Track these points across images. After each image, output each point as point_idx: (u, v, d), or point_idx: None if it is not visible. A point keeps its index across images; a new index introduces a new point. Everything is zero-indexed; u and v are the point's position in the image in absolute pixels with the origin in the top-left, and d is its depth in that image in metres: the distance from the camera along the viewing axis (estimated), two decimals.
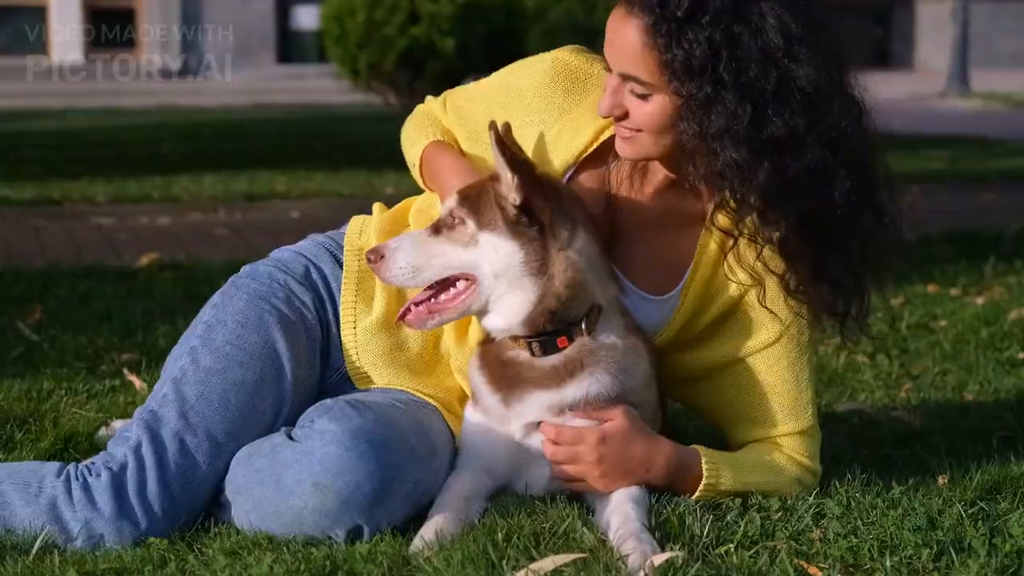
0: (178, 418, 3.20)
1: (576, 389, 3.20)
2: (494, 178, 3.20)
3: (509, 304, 3.17)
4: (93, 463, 3.18)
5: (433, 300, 3.21)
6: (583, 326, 3.21)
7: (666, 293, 3.43)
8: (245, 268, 3.47)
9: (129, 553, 3.01)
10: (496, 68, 3.64)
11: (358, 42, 20.02)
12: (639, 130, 3.24)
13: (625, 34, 3.17)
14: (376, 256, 3.20)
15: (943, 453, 3.89)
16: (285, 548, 2.99)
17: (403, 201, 3.62)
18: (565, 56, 3.52)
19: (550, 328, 3.20)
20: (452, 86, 3.77)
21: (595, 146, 3.44)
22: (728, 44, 3.10)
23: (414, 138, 3.56)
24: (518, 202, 3.15)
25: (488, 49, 20.20)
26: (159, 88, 27.55)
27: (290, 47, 35.79)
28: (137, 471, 3.13)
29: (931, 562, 2.95)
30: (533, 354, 3.21)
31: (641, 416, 3.28)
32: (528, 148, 3.44)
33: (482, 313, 3.22)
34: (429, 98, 3.69)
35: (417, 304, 3.22)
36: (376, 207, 3.60)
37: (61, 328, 5.53)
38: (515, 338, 3.22)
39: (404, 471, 3.11)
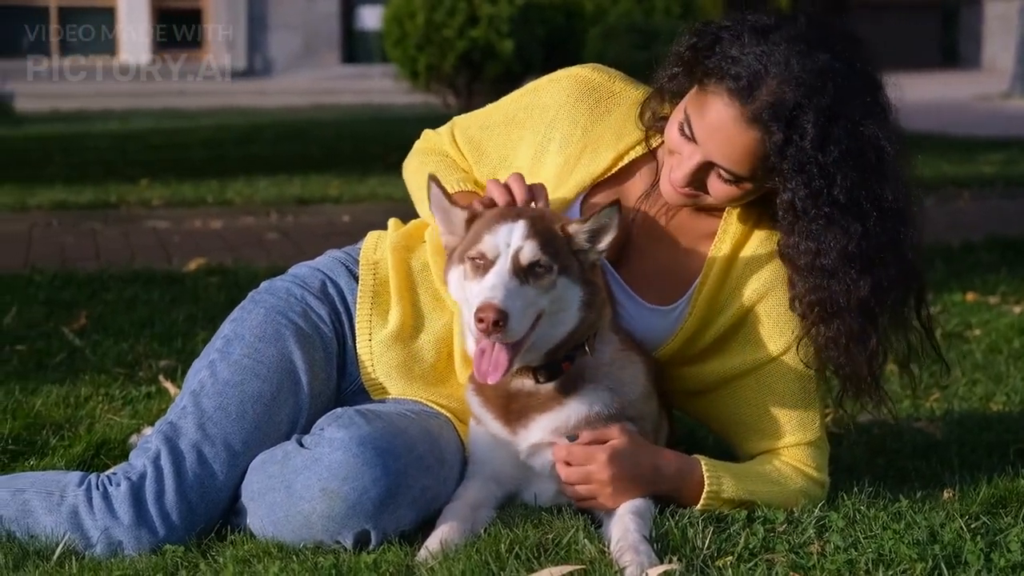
0: (196, 429, 3.29)
1: (579, 407, 3.28)
2: (563, 228, 3.24)
3: (549, 336, 3.23)
4: (114, 473, 3.29)
5: (510, 346, 3.15)
6: (586, 347, 3.29)
7: (672, 304, 3.50)
8: (264, 284, 3.57)
9: (143, 560, 3.11)
10: (555, 69, 3.69)
11: (417, 44, 20.18)
12: (706, 193, 3.36)
13: (740, 139, 3.25)
14: (503, 319, 3.05)
15: (956, 466, 3.93)
16: (294, 556, 3.09)
17: (419, 219, 3.69)
18: (587, 73, 3.60)
19: (564, 355, 3.27)
20: (511, 87, 3.79)
21: (612, 172, 3.53)
22: (845, 169, 3.22)
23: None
24: (603, 256, 3.29)
25: (547, 51, 20.32)
26: (224, 88, 27.80)
27: (355, 47, 35.98)
28: (155, 480, 3.23)
29: None
30: (538, 381, 3.28)
31: (641, 429, 3.35)
32: (548, 166, 3.51)
33: None
34: (428, 132, 3.76)
35: (507, 358, 3.13)
36: (392, 223, 3.69)
37: (104, 333, 5.66)
38: (522, 368, 3.27)
39: (411, 478, 3.19)
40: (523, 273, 3.14)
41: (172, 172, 12.44)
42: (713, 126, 3.26)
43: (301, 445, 3.24)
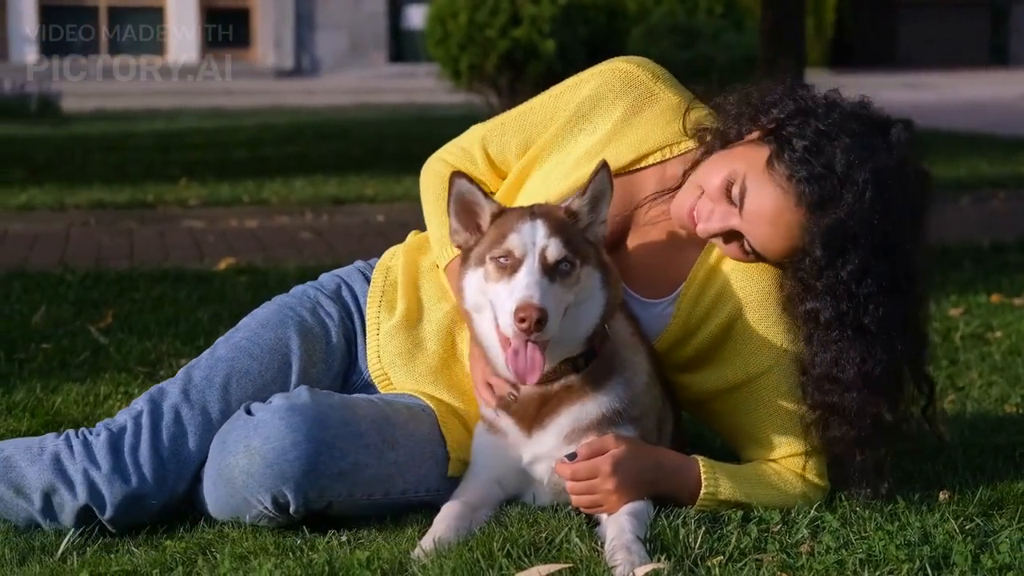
0: (180, 393, 3.48)
1: (595, 406, 3.32)
2: (567, 210, 3.30)
3: (582, 326, 3.28)
4: (94, 426, 3.46)
5: (541, 344, 3.18)
6: (607, 328, 3.34)
7: (656, 300, 3.55)
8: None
9: (141, 555, 3.19)
10: None
11: (460, 44, 20.20)
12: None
13: (786, 240, 3.34)
14: (544, 317, 3.09)
15: (960, 468, 3.93)
16: (289, 554, 3.15)
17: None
18: (632, 69, 3.64)
19: (599, 339, 3.32)
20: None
21: (630, 170, 3.57)
22: (877, 300, 3.32)
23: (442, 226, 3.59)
24: (607, 232, 3.36)
25: (589, 50, 20.29)
26: (272, 87, 27.96)
27: (402, 46, 36.02)
28: (133, 434, 3.41)
29: None
30: (576, 369, 3.31)
31: (643, 428, 3.39)
32: (572, 154, 3.58)
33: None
34: (446, 159, 3.73)
35: (541, 355, 3.17)
36: (411, 235, 3.84)
37: (129, 332, 5.74)
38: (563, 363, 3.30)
39: (337, 450, 3.28)
40: (551, 271, 3.18)
41: (211, 172, 12.53)
42: (768, 216, 3.32)
43: (249, 412, 3.36)
